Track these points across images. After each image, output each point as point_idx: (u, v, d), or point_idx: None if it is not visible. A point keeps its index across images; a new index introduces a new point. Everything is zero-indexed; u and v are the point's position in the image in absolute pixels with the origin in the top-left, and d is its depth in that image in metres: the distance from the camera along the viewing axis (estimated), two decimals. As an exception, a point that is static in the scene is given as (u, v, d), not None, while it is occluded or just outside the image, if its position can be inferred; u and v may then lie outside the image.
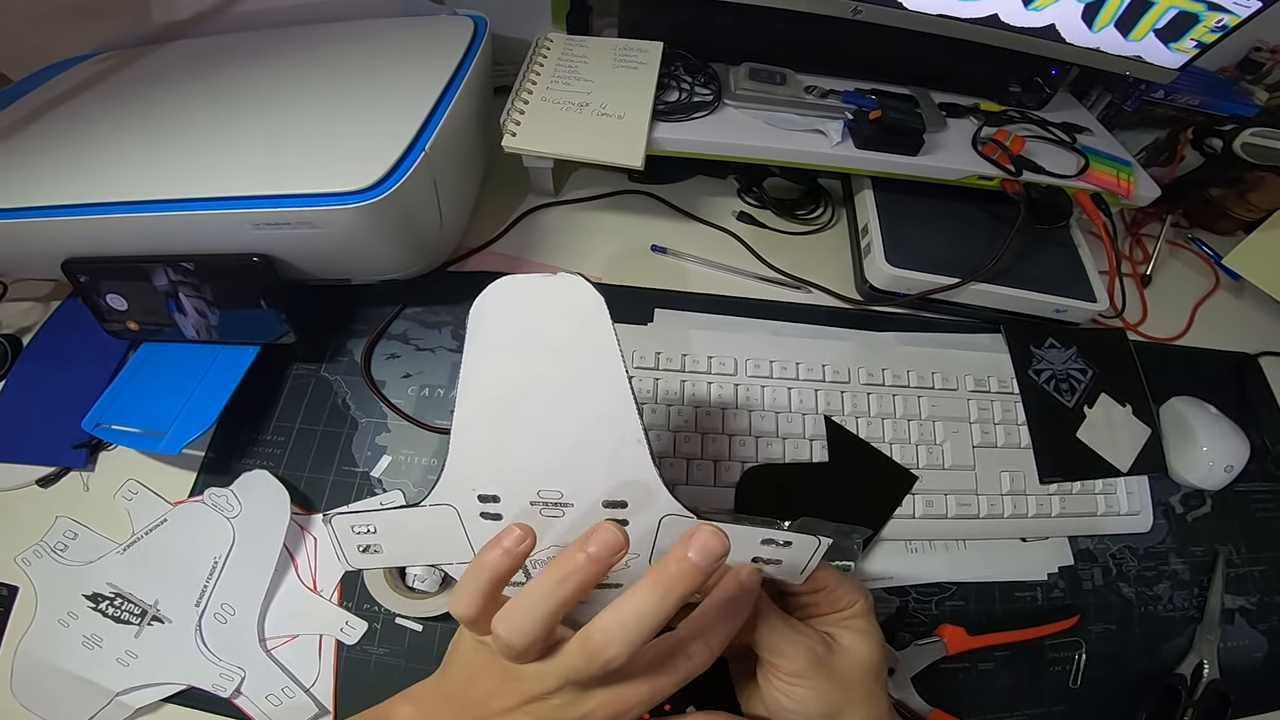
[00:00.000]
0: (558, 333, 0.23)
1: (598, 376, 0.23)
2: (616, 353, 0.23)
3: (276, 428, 0.39)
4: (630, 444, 0.23)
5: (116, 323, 0.38)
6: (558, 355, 0.23)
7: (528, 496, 0.24)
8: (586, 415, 0.23)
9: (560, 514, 0.24)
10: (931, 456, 0.40)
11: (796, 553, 0.25)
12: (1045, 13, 0.42)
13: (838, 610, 0.26)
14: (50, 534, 0.35)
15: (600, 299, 0.23)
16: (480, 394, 0.23)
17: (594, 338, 0.23)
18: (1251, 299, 0.54)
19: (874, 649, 0.26)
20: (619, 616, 0.20)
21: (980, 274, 0.44)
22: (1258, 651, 0.41)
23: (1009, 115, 0.49)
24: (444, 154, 0.36)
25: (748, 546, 0.25)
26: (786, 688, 0.25)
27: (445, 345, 0.42)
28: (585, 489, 0.24)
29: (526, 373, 0.23)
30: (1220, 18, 0.41)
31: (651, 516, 0.24)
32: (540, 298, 0.23)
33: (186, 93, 0.39)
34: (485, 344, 0.23)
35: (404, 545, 0.25)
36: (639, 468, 0.23)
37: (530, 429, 0.23)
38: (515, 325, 0.23)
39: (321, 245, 0.33)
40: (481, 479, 0.24)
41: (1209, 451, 0.43)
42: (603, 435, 0.23)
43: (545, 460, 0.23)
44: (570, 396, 0.23)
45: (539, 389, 0.23)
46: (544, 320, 0.23)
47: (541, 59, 0.45)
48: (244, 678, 0.32)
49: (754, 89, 0.45)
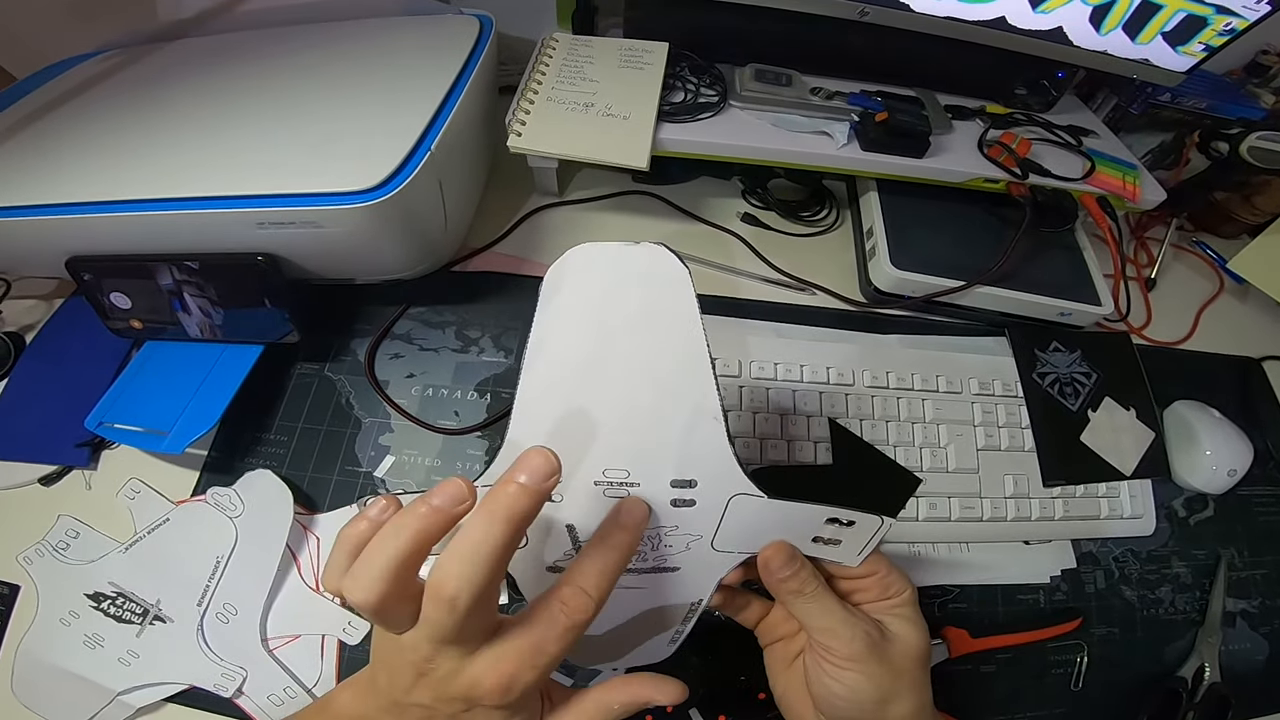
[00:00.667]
0: (639, 303, 0.22)
1: (678, 350, 0.22)
2: (699, 325, 0.22)
3: (280, 427, 0.39)
4: (707, 420, 0.22)
5: (120, 321, 0.38)
6: (637, 327, 0.22)
7: (592, 476, 0.23)
8: (663, 390, 0.22)
9: (625, 494, 0.23)
10: (935, 459, 0.40)
11: (858, 533, 0.24)
12: (1053, 15, 0.42)
13: (886, 598, 0.26)
14: (52, 533, 0.35)
15: (686, 270, 0.22)
16: (549, 366, 0.22)
17: (677, 309, 0.22)
18: (1256, 303, 0.54)
19: (923, 638, 0.26)
20: (454, 551, 0.19)
21: (985, 277, 0.43)
22: (1259, 655, 0.41)
23: (1015, 118, 0.49)
24: (449, 154, 0.35)
25: (812, 525, 0.24)
26: (839, 672, 0.24)
27: (449, 345, 0.42)
28: (654, 468, 0.23)
29: (602, 344, 0.22)
30: (1229, 21, 0.41)
31: (720, 496, 0.23)
32: (622, 266, 0.22)
33: (191, 91, 0.39)
34: (559, 312, 0.22)
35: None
36: (713, 445, 0.23)
37: (602, 404, 0.22)
38: (594, 293, 0.22)
39: (326, 245, 0.33)
40: None
41: (1212, 455, 0.43)
42: (679, 411, 0.22)
43: (615, 438, 0.22)
44: (647, 370, 0.22)
45: (615, 362, 0.22)
46: (625, 289, 0.22)
47: (547, 59, 0.45)
48: (246, 677, 0.32)
49: (759, 90, 0.45)
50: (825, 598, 0.25)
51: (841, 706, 0.25)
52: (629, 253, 0.22)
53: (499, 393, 0.40)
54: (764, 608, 0.29)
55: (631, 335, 0.22)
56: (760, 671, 0.34)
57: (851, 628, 0.24)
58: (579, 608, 0.21)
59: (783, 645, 0.28)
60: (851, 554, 0.25)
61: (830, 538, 0.25)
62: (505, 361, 0.42)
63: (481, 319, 0.43)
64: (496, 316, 0.43)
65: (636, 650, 0.28)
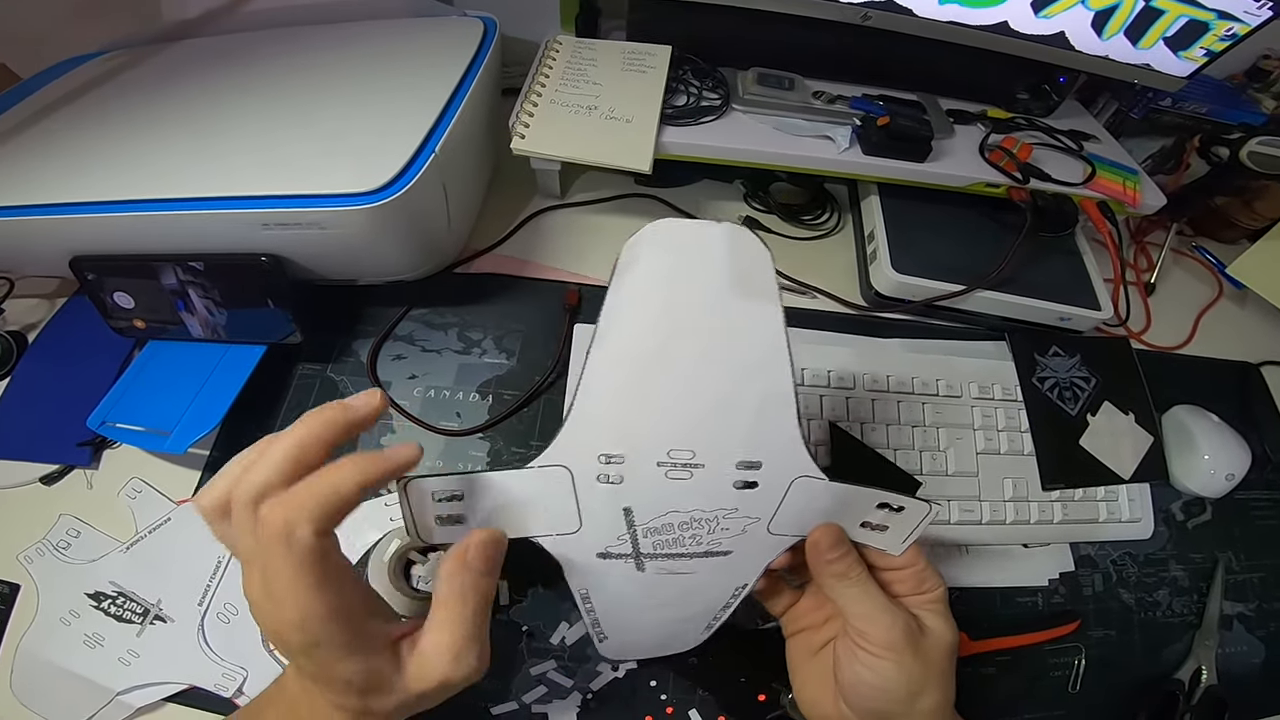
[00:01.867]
0: (718, 281, 0.22)
1: (756, 330, 0.22)
2: (779, 306, 0.22)
3: (282, 427, 0.39)
4: (778, 402, 0.22)
5: (123, 321, 0.38)
6: (714, 305, 0.22)
7: (655, 457, 0.22)
8: (737, 370, 0.22)
9: (688, 475, 0.23)
10: (935, 463, 0.40)
11: (905, 520, 0.24)
12: (1055, 20, 0.42)
13: (920, 592, 0.26)
14: (53, 532, 0.35)
15: (768, 250, 0.22)
16: (620, 342, 0.22)
17: (757, 289, 0.22)
18: (1255, 308, 0.54)
19: (955, 634, 0.26)
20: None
21: (986, 281, 0.44)
22: (1256, 658, 0.41)
23: (1016, 122, 0.49)
24: (453, 156, 0.36)
25: (862, 509, 0.24)
26: (873, 660, 0.24)
27: (451, 347, 0.42)
28: (721, 449, 0.23)
29: (677, 321, 0.22)
30: (1230, 26, 0.41)
31: (783, 478, 0.23)
32: (702, 244, 0.22)
33: (195, 91, 0.39)
34: (634, 288, 0.22)
35: (495, 515, 0.23)
36: (783, 427, 0.22)
37: (673, 383, 0.22)
38: (671, 270, 0.22)
39: (330, 246, 0.33)
40: (608, 438, 0.22)
41: (1210, 460, 0.43)
42: (751, 392, 0.22)
43: (683, 418, 0.22)
44: (723, 350, 0.22)
45: (689, 340, 0.22)
46: (704, 267, 0.22)
47: (550, 61, 0.45)
48: (246, 678, 0.32)
49: (762, 94, 0.45)
50: (868, 583, 0.25)
51: (870, 696, 0.24)
52: (709, 230, 0.22)
53: (501, 394, 0.40)
54: (793, 596, 0.29)
55: (708, 314, 0.22)
56: (759, 672, 0.34)
57: (892, 615, 0.24)
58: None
59: (807, 635, 0.28)
60: (896, 541, 0.25)
61: (879, 523, 0.25)
62: (507, 363, 0.42)
63: (484, 320, 0.43)
64: (499, 318, 0.43)
65: (670, 641, 0.28)
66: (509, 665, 0.33)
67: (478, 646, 0.22)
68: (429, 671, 0.21)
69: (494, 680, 0.33)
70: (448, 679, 0.21)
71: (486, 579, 0.22)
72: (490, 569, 0.22)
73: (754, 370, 0.22)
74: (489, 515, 0.23)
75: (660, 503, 0.23)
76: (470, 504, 0.23)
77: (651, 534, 0.24)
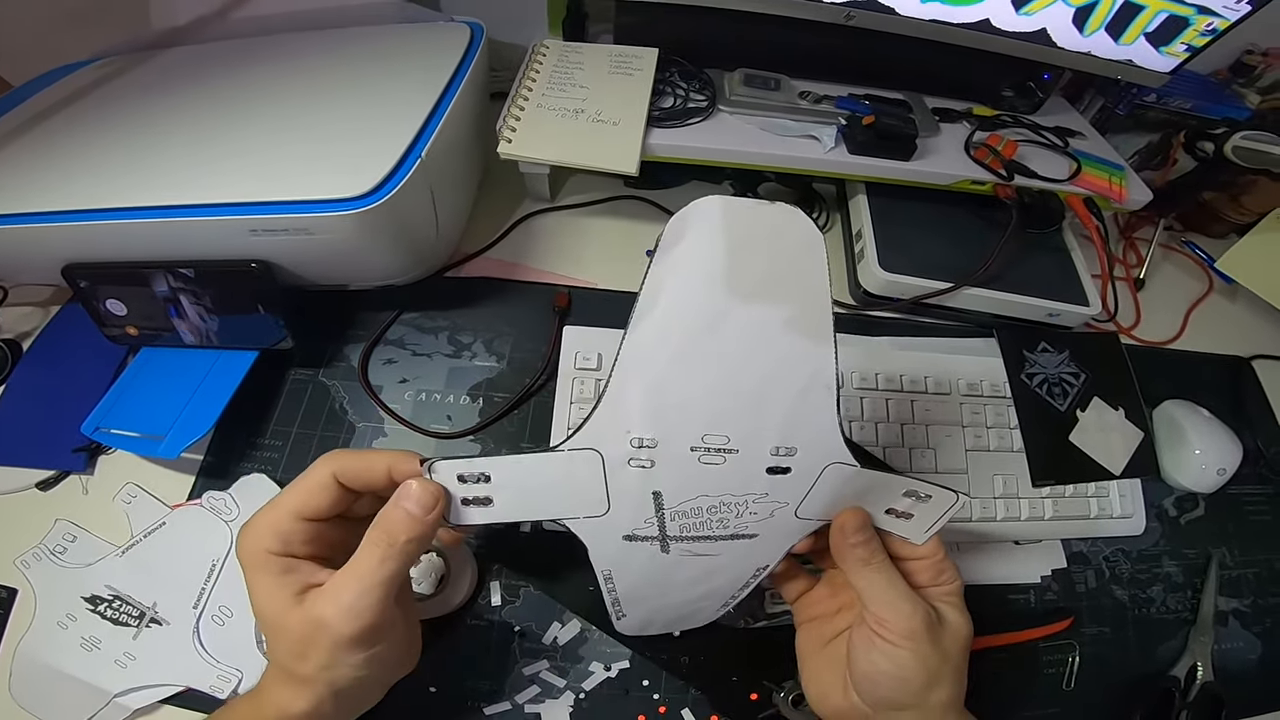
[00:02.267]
0: (766, 264, 0.21)
1: (802, 314, 0.21)
2: (827, 292, 0.21)
3: (274, 432, 0.39)
4: (820, 388, 0.22)
5: (116, 328, 0.38)
6: (762, 289, 0.21)
7: (689, 442, 0.22)
8: (781, 356, 0.21)
9: (721, 460, 0.22)
10: (924, 460, 0.40)
11: (930, 509, 0.24)
12: (1036, 17, 0.42)
13: (939, 583, 0.26)
14: (49, 536, 0.35)
15: (819, 234, 0.21)
16: (658, 323, 0.21)
17: (806, 273, 0.21)
18: (1245, 302, 0.54)
19: (970, 627, 0.26)
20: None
21: (973, 278, 0.44)
22: (1251, 654, 0.41)
23: (1002, 120, 0.50)
24: (440, 160, 0.36)
25: (889, 496, 0.24)
26: (891, 649, 0.24)
27: (442, 350, 0.42)
28: (757, 435, 0.22)
29: (722, 303, 0.21)
30: (1210, 21, 0.41)
31: (817, 464, 0.23)
32: (753, 223, 0.21)
33: (184, 99, 0.40)
34: (678, 264, 0.21)
35: (523, 498, 0.23)
36: (823, 414, 0.22)
37: (713, 366, 0.21)
38: (719, 249, 0.21)
39: (318, 251, 0.33)
40: (642, 421, 0.22)
41: (1202, 454, 0.43)
42: (793, 378, 0.22)
43: (722, 404, 0.22)
44: (767, 334, 0.21)
45: (733, 323, 0.21)
46: (754, 248, 0.21)
47: (537, 65, 0.46)
48: (241, 679, 0.32)
49: (748, 95, 0.46)
50: (890, 570, 0.25)
51: (886, 685, 0.24)
52: (762, 211, 0.21)
53: (492, 397, 0.41)
54: (809, 582, 0.29)
55: (755, 297, 0.21)
56: (751, 671, 0.34)
57: (913, 603, 0.24)
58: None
59: (819, 625, 0.28)
60: (920, 530, 0.25)
61: (904, 511, 0.25)
62: (498, 366, 0.42)
63: (474, 324, 0.43)
64: (489, 321, 0.44)
65: (687, 619, 0.28)
66: (502, 665, 0.34)
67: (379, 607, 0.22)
68: (316, 609, 0.22)
69: (487, 680, 0.33)
70: (329, 622, 0.21)
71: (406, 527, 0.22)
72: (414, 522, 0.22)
73: (800, 358, 0.21)
74: (518, 496, 0.23)
75: (690, 487, 0.23)
76: (497, 485, 0.22)
77: (679, 517, 0.24)
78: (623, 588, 0.27)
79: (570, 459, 0.22)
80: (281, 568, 0.23)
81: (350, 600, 0.21)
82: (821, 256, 0.21)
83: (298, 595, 0.22)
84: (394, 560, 0.22)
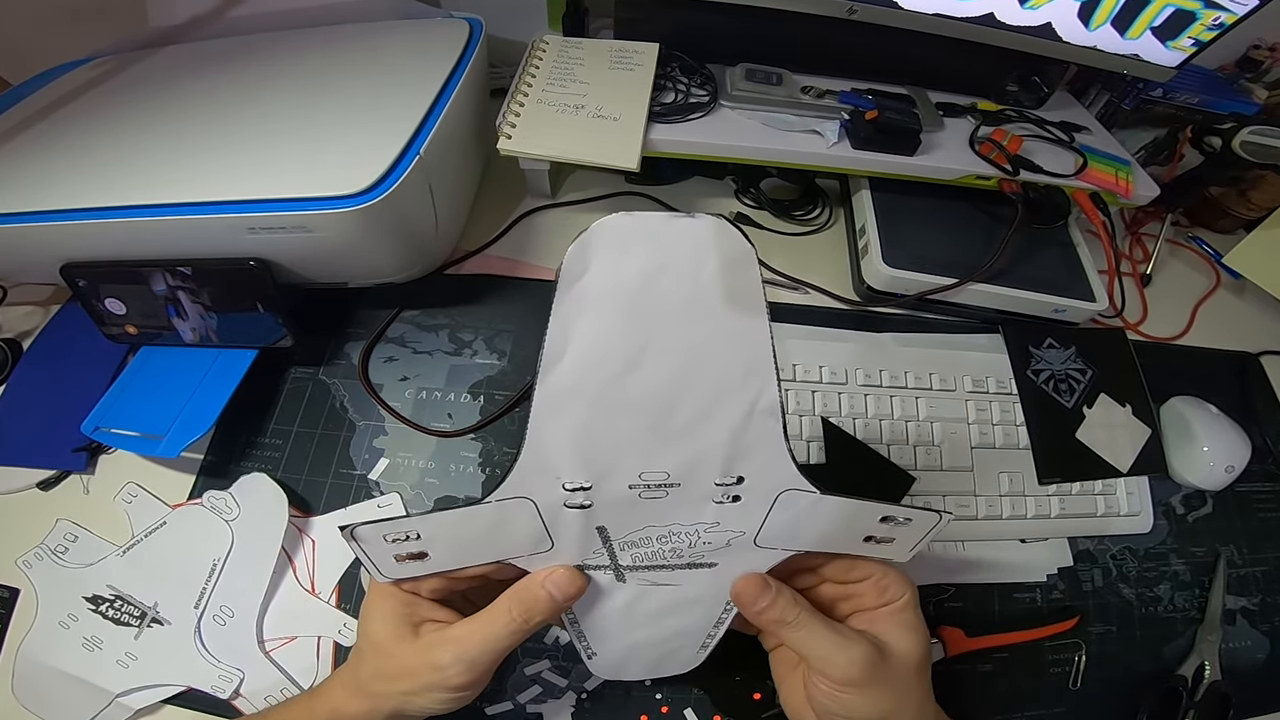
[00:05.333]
0: (688, 287, 0.18)
1: (736, 339, 0.19)
2: (764, 311, 0.19)
3: (274, 431, 0.39)
4: (762, 415, 0.20)
5: (115, 327, 0.38)
6: (684, 315, 0.19)
7: (626, 481, 0.21)
8: (715, 385, 0.19)
9: (664, 494, 0.21)
10: (929, 458, 0.40)
11: (914, 530, 0.23)
12: (1041, 11, 0.42)
13: (885, 604, 0.25)
14: (51, 536, 0.35)
15: (749, 246, 0.18)
16: (571, 367, 0.19)
17: (737, 292, 0.18)
18: (1252, 298, 0.54)
19: (922, 644, 0.25)
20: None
21: (978, 274, 0.43)
22: (1260, 653, 0.40)
23: (1006, 114, 0.49)
24: (439, 157, 0.36)
25: (865, 523, 0.23)
26: (836, 695, 0.23)
27: (442, 348, 0.42)
28: (699, 468, 0.21)
29: (638, 337, 0.19)
30: (1217, 15, 0.41)
31: (769, 491, 0.22)
32: (668, 241, 0.18)
33: (182, 97, 0.40)
34: (583, 303, 0.18)
35: (459, 547, 0.22)
36: (768, 442, 0.20)
37: (639, 405, 0.19)
38: (628, 277, 0.18)
39: (317, 249, 0.33)
40: (570, 467, 0.20)
41: (1210, 451, 0.43)
42: (731, 407, 0.20)
43: (654, 439, 0.20)
44: (697, 364, 0.19)
45: (654, 358, 0.19)
46: (671, 270, 0.18)
47: (537, 61, 0.45)
48: (243, 679, 0.32)
49: (750, 90, 0.45)
50: (812, 623, 0.24)
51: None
52: (677, 226, 0.18)
53: (492, 395, 0.41)
54: None
55: (679, 324, 0.19)
56: (755, 672, 0.34)
57: (846, 652, 0.23)
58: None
59: (786, 650, 0.27)
60: (903, 551, 0.24)
61: (884, 536, 0.23)
62: (499, 364, 0.42)
63: (475, 322, 0.43)
64: (490, 319, 0.43)
65: (665, 659, 0.27)
66: (503, 665, 0.33)
67: (492, 667, 0.24)
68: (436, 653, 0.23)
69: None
70: (443, 668, 0.23)
71: (544, 609, 0.23)
72: (553, 605, 0.23)
73: (738, 384, 0.20)
74: (453, 548, 0.22)
75: (635, 520, 0.22)
76: (429, 541, 0.22)
77: (630, 548, 0.23)
78: (585, 621, 0.25)
79: (501, 508, 0.21)
80: (405, 599, 0.24)
81: (473, 656, 0.23)
82: (754, 270, 0.19)
83: (414, 628, 0.24)
84: (523, 634, 0.23)
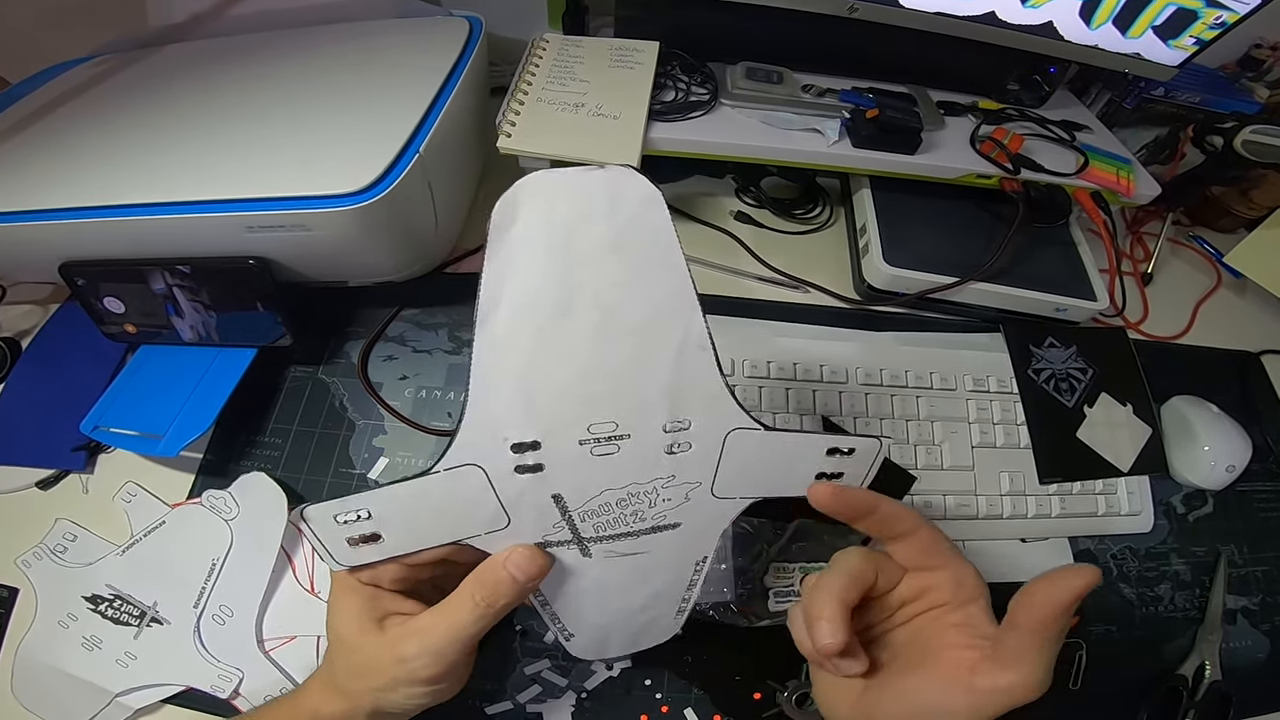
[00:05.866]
0: (607, 231, 0.20)
1: (655, 276, 0.20)
2: (676, 246, 0.20)
3: (274, 430, 0.39)
4: (693, 350, 0.21)
5: (114, 325, 0.38)
6: (608, 258, 0.20)
7: (575, 436, 0.21)
8: (642, 324, 0.20)
9: (615, 449, 0.21)
10: (930, 457, 0.40)
11: (858, 462, 0.23)
12: (1043, 10, 0.42)
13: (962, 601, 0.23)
14: (50, 536, 0.35)
15: (656, 190, 0.20)
16: (508, 315, 0.20)
17: (650, 233, 0.20)
18: (1254, 297, 0.54)
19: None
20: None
21: (979, 273, 0.43)
22: (1260, 652, 0.40)
23: (1007, 113, 0.49)
24: (439, 156, 0.36)
25: (814, 459, 0.23)
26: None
27: (442, 347, 0.42)
28: (643, 413, 0.21)
29: (567, 281, 0.20)
30: (1219, 14, 0.41)
31: (716, 434, 0.22)
32: (582, 193, 0.20)
33: (181, 96, 0.39)
34: (513, 253, 0.20)
35: (412, 527, 0.22)
36: (705, 377, 0.21)
37: (574, 350, 0.20)
38: (553, 226, 0.20)
39: (316, 248, 0.33)
40: (515, 423, 0.21)
41: (1210, 451, 0.42)
42: (662, 345, 0.21)
43: (594, 386, 0.21)
44: (622, 304, 0.20)
45: (584, 300, 0.20)
46: (589, 218, 0.20)
47: (537, 59, 0.45)
48: (242, 678, 0.32)
49: (751, 88, 0.45)
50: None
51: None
52: (590, 177, 0.20)
53: (492, 394, 0.40)
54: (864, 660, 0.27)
55: (601, 268, 0.20)
56: (755, 672, 0.34)
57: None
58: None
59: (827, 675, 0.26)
60: (855, 483, 0.24)
61: (834, 470, 0.23)
62: (498, 362, 0.42)
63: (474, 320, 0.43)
64: (490, 318, 0.43)
65: (644, 631, 0.27)
66: (503, 665, 0.33)
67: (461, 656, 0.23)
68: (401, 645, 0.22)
69: (488, 680, 0.33)
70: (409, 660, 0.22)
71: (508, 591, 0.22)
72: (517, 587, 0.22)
73: (663, 322, 0.20)
74: (406, 527, 0.22)
75: (591, 484, 0.22)
76: (381, 520, 0.21)
77: (589, 517, 0.23)
78: (556, 602, 0.25)
79: (449, 478, 0.21)
80: (368, 594, 0.23)
81: (439, 646, 0.22)
82: (663, 212, 0.20)
83: (379, 621, 0.23)
84: (488, 619, 0.22)
